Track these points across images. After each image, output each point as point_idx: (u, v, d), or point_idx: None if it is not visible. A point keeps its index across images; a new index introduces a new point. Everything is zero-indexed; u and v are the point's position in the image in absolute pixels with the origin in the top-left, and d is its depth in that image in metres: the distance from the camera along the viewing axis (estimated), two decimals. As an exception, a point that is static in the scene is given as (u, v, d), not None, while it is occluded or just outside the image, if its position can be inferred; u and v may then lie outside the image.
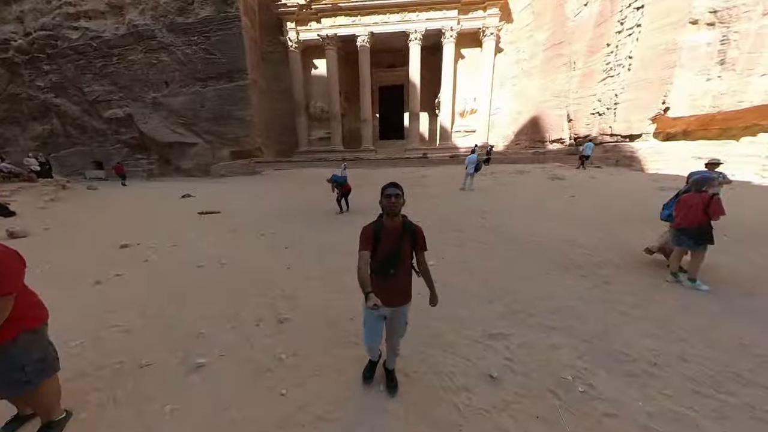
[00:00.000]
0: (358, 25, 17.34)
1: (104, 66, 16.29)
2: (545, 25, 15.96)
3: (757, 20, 9.89)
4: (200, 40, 15.50)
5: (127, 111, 16.62)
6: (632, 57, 12.22)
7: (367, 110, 18.96)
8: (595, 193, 7.54)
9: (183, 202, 8.57)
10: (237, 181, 13.61)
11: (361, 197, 7.69)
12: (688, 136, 12.23)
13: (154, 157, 17.58)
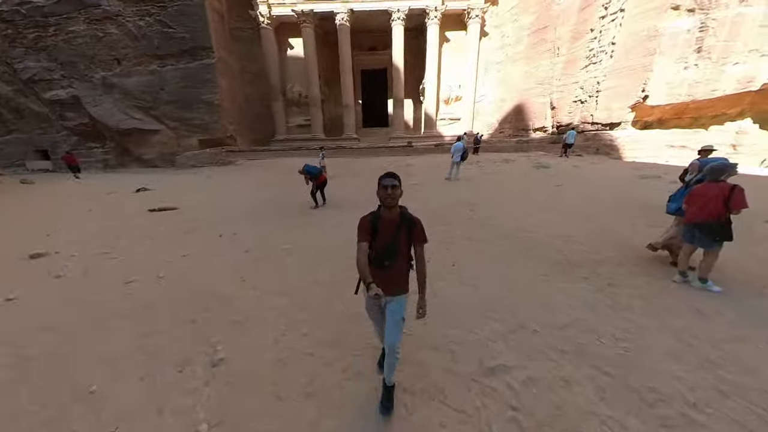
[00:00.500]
0: (337, 1, 15.80)
1: (38, 38, 13.85)
2: (530, 8, 15.33)
3: (734, 8, 9.83)
4: (155, 11, 13.47)
5: (72, 93, 14.40)
6: (615, 43, 11.97)
7: (349, 95, 17.71)
8: (580, 182, 7.30)
9: (135, 197, 7.41)
10: (205, 172, 12.29)
11: (340, 190, 6.98)
12: (663, 124, 12.37)
13: (110, 146, 15.58)
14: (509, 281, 2.92)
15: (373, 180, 6.43)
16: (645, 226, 4.40)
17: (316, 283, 2.93)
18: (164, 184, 9.16)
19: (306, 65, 17.17)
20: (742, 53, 10.09)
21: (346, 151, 15.93)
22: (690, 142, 12.18)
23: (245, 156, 15.42)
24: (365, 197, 6.51)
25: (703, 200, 2.57)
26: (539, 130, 16.00)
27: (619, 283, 2.83)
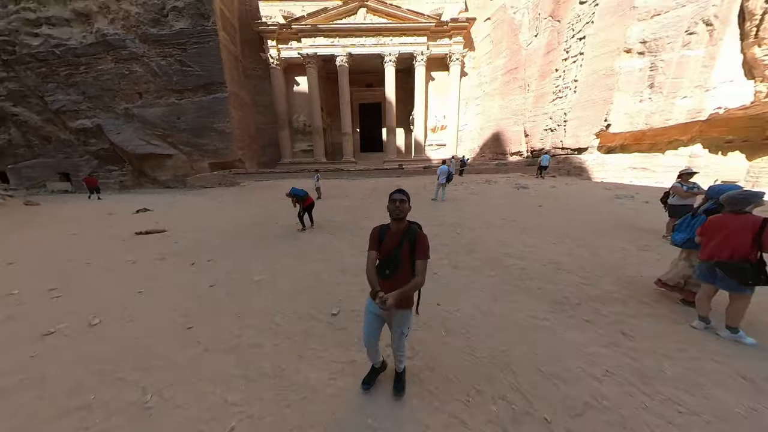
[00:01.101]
0: (337, 46, 16.01)
1: (70, 75, 13.57)
2: (502, 53, 15.64)
3: (678, 51, 9.89)
4: (175, 52, 13.36)
5: (96, 122, 13.94)
6: (577, 81, 11.99)
7: (348, 125, 17.57)
8: (560, 202, 6.73)
9: (132, 218, 6.63)
10: (212, 192, 11.58)
11: (331, 211, 6.29)
12: (625, 149, 12.16)
13: (128, 169, 14.92)
14: (505, 329, 2.18)
15: (364, 201, 5.74)
16: (635, 249, 3.75)
17: (277, 332, 2.16)
18: (167, 204, 8.40)
19: (310, 99, 17.12)
20: (689, 88, 10.05)
21: (344, 173, 15.47)
22: (649, 164, 11.94)
23: (251, 178, 14.82)
24: (353, 219, 5.85)
25: (723, 234, 1.93)
26: (515, 155, 15.80)
27: (632, 331, 2.11)
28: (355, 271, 3.28)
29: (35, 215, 6.87)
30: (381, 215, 5.91)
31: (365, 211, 6.44)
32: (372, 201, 7.70)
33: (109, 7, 12.95)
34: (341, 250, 4.02)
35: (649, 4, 9.94)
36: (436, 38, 16.46)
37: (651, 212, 5.43)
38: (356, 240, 4.43)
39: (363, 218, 5.73)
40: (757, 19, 8.84)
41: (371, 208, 6.70)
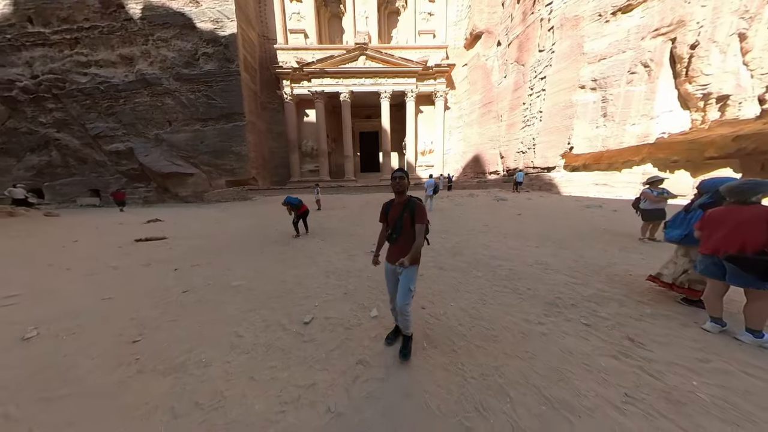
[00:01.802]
0: (341, 85, 16.59)
1: (110, 106, 13.64)
2: (478, 90, 16.26)
3: (623, 86, 10.21)
4: (203, 88, 13.62)
5: (129, 145, 13.78)
6: (542, 112, 12.26)
7: (349, 149, 17.71)
8: (537, 211, 6.36)
9: (140, 227, 6.08)
10: (225, 206, 11.12)
11: (328, 220, 5.83)
12: (587, 168, 12.14)
13: (152, 186, 14.51)
14: (496, 338, 1.66)
15: (359, 211, 5.22)
16: (617, 250, 3.30)
17: (235, 346, 1.61)
18: (180, 215, 7.88)
19: (317, 128, 17.37)
20: (636, 117, 10.23)
21: (345, 189, 15.24)
22: (609, 181, 11.85)
23: (263, 193, 14.48)
24: (347, 226, 5.38)
25: (728, 226, 1.52)
26: (493, 173, 15.80)
27: (639, 336, 1.60)
28: (340, 274, 2.77)
29: (47, 224, 6.30)
30: (372, 223, 5.35)
31: (358, 220, 6.00)
32: (366, 211, 7.29)
33: (150, 53, 13.37)
34: (329, 255, 3.52)
35: (596, 51, 10.42)
36: (423, 79, 17.20)
37: (620, 219, 5.07)
38: (346, 245, 3.95)
39: (355, 226, 5.28)
40: (685, 62, 9.21)
41: (364, 218, 6.27)
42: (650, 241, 3.80)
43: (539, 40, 12.30)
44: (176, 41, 13.26)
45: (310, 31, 16.64)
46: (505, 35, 14.73)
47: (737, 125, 9.48)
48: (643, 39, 9.62)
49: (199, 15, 13.07)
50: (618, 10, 9.88)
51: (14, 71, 13.31)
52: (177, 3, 12.98)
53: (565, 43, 11.11)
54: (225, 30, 13.25)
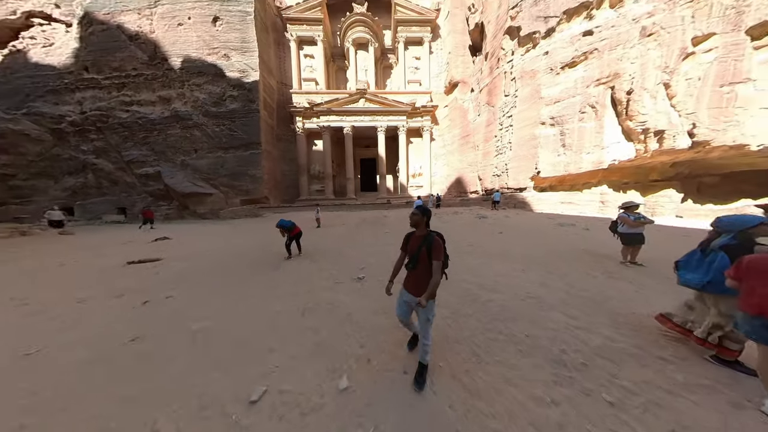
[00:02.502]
0: (344, 121, 16.99)
1: (145, 137, 13.49)
2: (457, 126, 16.73)
3: (577, 123, 10.43)
4: (227, 123, 13.67)
5: (157, 169, 13.41)
6: (511, 143, 12.41)
7: (351, 172, 17.67)
8: (516, 229, 5.87)
9: (143, 247, 5.38)
10: (236, 222, 10.45)
11: (324, 239, 5.21)
12: (553, 188, 12.01)
13: (174, 204, 13.88)
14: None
15: (355, 228, 4.47)
16: (602, 274, 2.76)
17: None
18: (190, 233, 7.17)
19: (324, 155, 17.41)
20: (590, 147, 10.32)
21: (346, 207, 14.80)
22: (573, 200, 11.65)
23: (273, 210, 13.92)
24: (340, 246, 4.77)
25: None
26: (473, 193, 15.65)
27: (686, 428, 1.00)
28: (319, 312, 2.14)
29: (57, 244, 5.54)
30: (364, 242, 4.66)
31: (353, 239, 5.41)
32: (361, 229, 6.71)
33: (185, 95, 13.57)
34: (314, 282, 2.89)
35: (551, 95, 10.81)
36: (412, 117, 17.77)
37: (594, 238, 4.60)
38: (334, 269, 3.34)
39: (348, 246, 4.68)
40: (624, 104, 9.50)
41: (358, 237, 5.67)
42: (632, 265, 3.31)
43: (504, 88, 12.86)
44: (208, 86, 13.55)
45: (320, 80, 17.41)
46: (476, 84, 15.51)
47: (674, 154, 9.55)
48: (588, 87, 10.02)
49: (228, 66, 13.53)
50: (565, 65, 10.43)
51: (66, 108, 13.27)
52: (212, 57, 13.47)
53: (525, 90, 11.57)
54: (249, 78, 13.66)
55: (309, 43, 17.07)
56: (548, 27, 10.77)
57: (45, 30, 13.61)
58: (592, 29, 9.80)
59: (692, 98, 8.81)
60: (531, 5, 11.07)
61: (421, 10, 16.92)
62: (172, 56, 13.28)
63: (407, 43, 17.85)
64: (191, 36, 13.31)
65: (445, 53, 17.64)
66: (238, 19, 13.53)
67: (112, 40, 13.03)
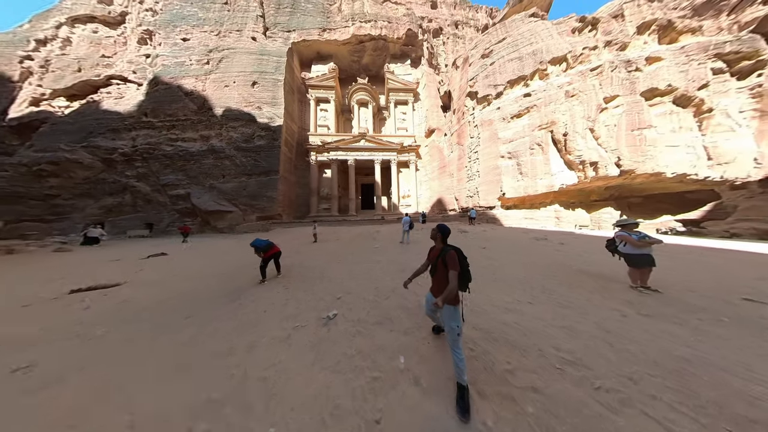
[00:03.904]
0: (349, 155, 17.28)
1: (183, 165, 12.90)
2: (436, 160, 17.15)
3: (528, 156, 10.57)
4: (252, 155, 13.41)
5: (188, 191, 12.50)
6: (479, 172, 12.41)
7: (353, 194, 17.31)
8: (498, 245, 5.04)
9: (128, 265, 4.14)
10: (246, 236, 9.22)
11: (314, 254, 4.16)
12: (517, 207, 11.62)
13: (197, 220, 12.62)
14: None
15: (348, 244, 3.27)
16: (636, 316, 1.82)
17: None
18: (194, 248, 5.93)
19: (331, 181, 17.17)
20: (542, 174, 10.28)
21: (347, 222, 13.85)
22: (533, 216, 11.17)
23: (284, 226, 12.80)
24: (326, 264, 3.71)
25: None
26: (452, 211, 15.18)
27: None
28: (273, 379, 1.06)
29: (42, 262, 4.24)
30: (353, 259, 3.63)
31: (342, 255, 4.40)
32: (355, 244, 5.73)
33: (222, 134, 13.52)
34: (269, 328, 1.85)
35: (506, 137, 11.15)
36: (401, 153, 18.29)
37: (577, 254, 3.79)
38: (304, 303, 2.29)
39: (335, 263, 3.67)
40: (562, 143, 9.76)
41: (348, 251, 4.68)
42: (646, 291, 2.40)
43: (470, 132, 13.46)
44: (242, 128, 13.65)
45: (331, 126, 18.21)
46: (448, 130, 16.38)
47: (607, 180, 9.51)
48: (533, 130, 10.42)
49: (260, 115, 13.87)
50: (514, 116, 11.04)
51: (121, 143, 12.84)
52: (248, 108, 13.88)
53: (486, 133, 12.03)
54: (275, 123, 13.93)
55: (324, 101, 18.31)
56: (497, 91, 11.74)
57: (120, 87, 14.01)
58: (530, 92, 10.64)
59: (613, 139, 9.08)
60: (483, 78, 12.26)
61: (405, 82, 18.89)
62: (216, 107, 13.63)
63: (396, 103, 19.44)
64: (233, 94, 13.90)
65: (424, 110, 19.13)
66: (271, 84, 14.41)
67: (171, 95, 13.41)
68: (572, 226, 10.58)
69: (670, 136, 8.82)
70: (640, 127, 8.64)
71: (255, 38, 15.23)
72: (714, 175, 8.83)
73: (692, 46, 8.71)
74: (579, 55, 9.92)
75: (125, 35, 14.74)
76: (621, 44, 9.54)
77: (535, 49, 10.67)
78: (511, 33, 11.63)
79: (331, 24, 17.14)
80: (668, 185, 9.96)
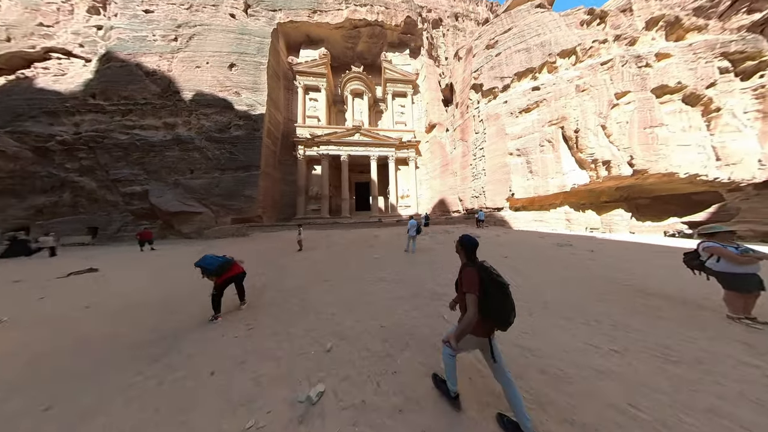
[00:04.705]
0: (341, 150, 16.73)
1: (140, 158, 11.72)
2: (437, 157, 17.07)
3: (539, 154, 10.65)
4: (228, 147, 12.49)
5: (146, 188, 11.33)
6: (485, 170, 12.37)
7: (346, 194, 16.67)
8: (518, 252, 4.69)
9: (38, 286, 3.31)
10: (218, 243, 8.36)
11: (293, 269, 3.52)
12: (526, 208, 11.63)
13: (158, 223, 11.44)
14: None
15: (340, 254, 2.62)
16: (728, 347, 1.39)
17: None
18: (139, 260, 5.08)
19: (322, 178, 16.50)
20: (553, 173, 10.36)
21: (340, 226, 13.21)
22: (543, 218, 11.23)
23: (263, 230, 11.93)
24: (311, 283, 3.07)
25: None
26: (456, 212, 15.02)
27: None
28: None
29: None
30: (347, 276, 3.03)
31: (335, 268, 3.77)
32: (349, 253, 5.14)
33: (191, 122, 12.52)
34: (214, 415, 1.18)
35: (515, 132, 11.20)
36: (399, 149, 18.05)
37: (614, 265, 3.42)
38: (282, 350, 1.65)
39: (322, 284, 3.00)
40: (574, 140, 9.91)
41: (341, 265, 3.94)
42: (755, 324, 1.83)
43: (474, 127, 13.46)
44: (216, 116, 12.73)
45: (322, 117, 17.62)
46: (450, 125, 16.39)
47: (620, 179, 9.72)
48: (543, 126, 10.53)
49: (238, 101, 13.04)
50: (522, 110, 11.14)
51: (59, 129, 11.44)
52: (223, 93, 13.00)
53: (492, 128, 12.04)
54: (256, 111, 13.15)
55: (314, 90, 17.73)
56: (504, 84, 11.84)
57: (62, 63, 12.60)
58: (539, 86, 10.79)
59: (625, 137, 9.29)
60: (489, 69, 12.36)
61: (404, 73, 18.79)
62: (184, 90, 12.63)
63: (394, 95, 19.28)
64: (206, 76, 12.99)
65: (424, 103, 19.11)
66: (252, 67, 13.66)
67: (128, 74, 12.25)
68: (583, 229, 10.70)
69: (681, 135, 9.18)
70: (652, 125, 8.93)
71: (234, 15, 14.46)
72: (722, 176, 9.27)
73: (700, 44, 9.22)
74: (588, 49, 10.21)
75: (72, 2, 13.40)
76: (630, 39, 9.93)
77: (543, 40, 10.90)
78: (517, 23, 11.86)
79: (323, 5, 16.76)
80: (677, 186, 10.38)
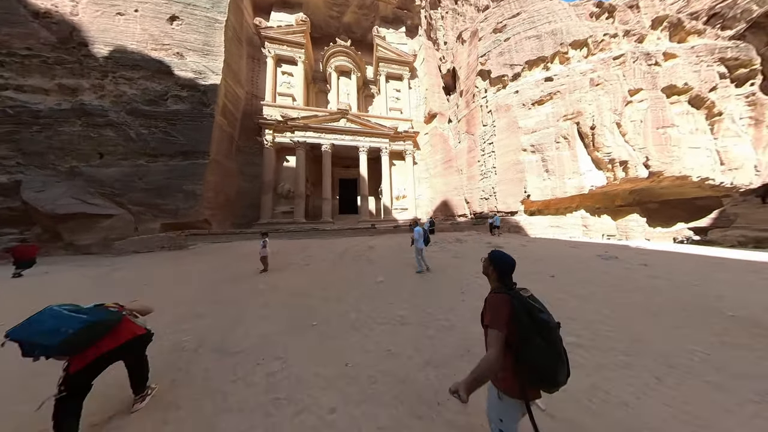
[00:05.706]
0: (323, 138, 15.54)
1: (13, 132, 9.07)
2: (439, 151, 16.90)
3: (554, 151, 10.90)
4: (162, 125, 10.45)
5: (16, 178, 8.68)
6: (495, 167, 12.34)
7: (328, 193, 15.35)
8: (563, 267, 4.11)
9: None
10: (136, 260, 6.41)
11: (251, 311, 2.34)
12: (541, 212, 11.73)
13: (36, 231, 8.80)
14: None
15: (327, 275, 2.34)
16: None
17: None
18: None
19: (296, 173, 15.01)
20: (570, 173, 10.62)
21: (320, 233, 11.79)
22: (560, 223, 11.42)
23: (210, 239, 10.00)
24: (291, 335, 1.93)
25: None
26: (462, 216, 14.75)
27: None
28: None
29: None
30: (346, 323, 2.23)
31: (319, 302, 2.56)
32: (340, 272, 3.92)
33: (104, 87, 10.24)
34: None
35: (528, 126, 11.37)
36: (394, 140, 17.51)
37: (684, 283, 3.03)
38: None
39: (309, 326, 1.91)
40: (590, 138, 10.31)
41: (333, 291, 2.81)
42: None
43: (482, 119, 13.53)
44: (144, 81, 10.64)
45: (298, 97, 16.32)
46: (454, 116, 16.45)
47: (636, 182, 10.29)
48: (558, 121, 10.83)
49: (180, 65, 11.16)
50: (535, 102, 11.41)
51: None
52: (158, 53, 11.02)
53: (503, 121, 12.14)
54: (207, 80, 11.39)
55: (288, 63, 16.43)
56: (514, 72, 12.12)
57: None
58: (552, 76, 11.19)
59: (640, 136, 9.88)
60: (497, 55, 12.62)
61: (399, 53, 18.63)
62: (97, 43, 10.37)
63: (388, 77, 18.92)
64: (134, 28, 10.92)
65: (422, 89, 19.08)
66: (203, 23, 11.96)
67: (5, 12, 9.64)
68: (599, 236, 11.07)
69: (690, 137, 10.11)
70: (665, 126, 9.68)
71: (180, -45, 12.77)
72: (726, 181, 10.37)
73: (701, 47, 10.46)
74: (600, 41, 10.93)
75: None
76: (639, 36, 10.91)
77: (555, 28, 11.47)
78: (526, 8, 12.42)
79: (302, -38, 15.99)
80: (686, 190, 11.43)
